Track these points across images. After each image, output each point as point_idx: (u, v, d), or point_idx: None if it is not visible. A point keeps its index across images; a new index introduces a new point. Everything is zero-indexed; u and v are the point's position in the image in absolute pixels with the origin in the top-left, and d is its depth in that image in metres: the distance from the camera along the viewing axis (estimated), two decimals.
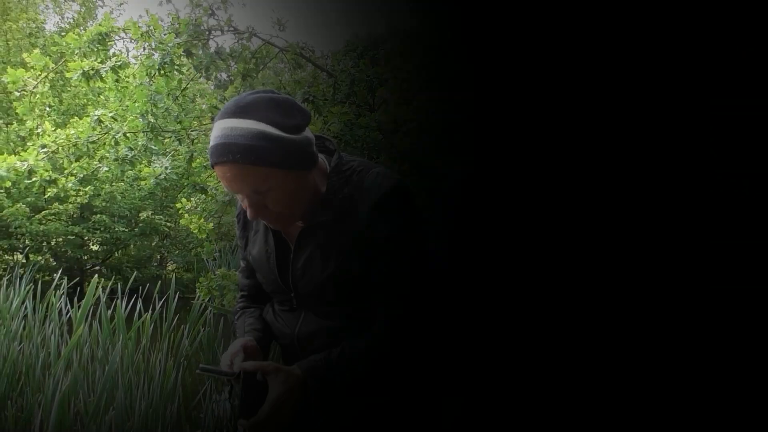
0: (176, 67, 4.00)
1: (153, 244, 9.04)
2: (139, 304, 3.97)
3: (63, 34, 7.73)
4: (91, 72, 3.83)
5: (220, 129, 1.06)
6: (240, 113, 1.05)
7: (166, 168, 4.09)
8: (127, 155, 4.05)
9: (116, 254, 8.76)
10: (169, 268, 9.22)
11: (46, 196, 6.33)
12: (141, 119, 4.04)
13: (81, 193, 7.20)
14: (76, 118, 5.63)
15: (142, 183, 4.50)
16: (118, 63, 3.92)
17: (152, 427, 3.10)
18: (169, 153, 4.30)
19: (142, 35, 3.92)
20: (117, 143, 4.02)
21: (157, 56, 3.90)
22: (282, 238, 1.24)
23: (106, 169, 4.25)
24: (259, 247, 1.29)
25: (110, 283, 4.75)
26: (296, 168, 1.09)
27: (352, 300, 1.18)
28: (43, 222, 7.47)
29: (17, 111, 5.15)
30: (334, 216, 1.15)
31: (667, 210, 1.84)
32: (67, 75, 4.08)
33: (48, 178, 4.05)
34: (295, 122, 1.08)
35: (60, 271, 5.26)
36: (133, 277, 4.86)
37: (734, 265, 1.65)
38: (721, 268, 1.68)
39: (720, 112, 1.67)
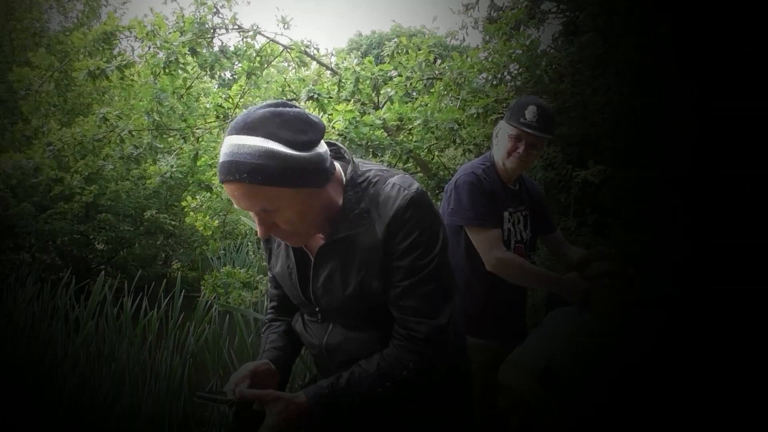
0: (181, 66, 4.02)
1: (158, 242, 9.06)
2: (145, 302, 3.98)
3: (67, 33, 7.73)
4: (97, 71, 3.85)
5: (227, 146, 1.02)
6: (248, 130, 1.00)
7: (172, 166, 4.11)
8: (132, 153, 4.07)
9: (121, 253, 8.78)
10: (174, 266, 9.24)
11: (51, 194, 6.35)
12: (146, 117, 4.05)
13: (86, 191, 7.22)
14: (81, 117, 5.66)
15: (147, 182, 4.52)
16: (124, 62, 3.94)
17: (158, 424, 3.11)
18: (174, 151, 4.31)
19: (147, 34, 3.94)
20: (122, 141, 4.04)
21: (162, 55, 3.92)
22: (303, 251, 1.21)
23: (112, 167, 4.27)
24: (281, 262, 1.26)
25: (116, 282, 4.77)
26: (307, 186, 1.04)
27: (377, 314, 1.16)
28: (49, 221, 7.50)
29: (22, 110, 5.18)
30: (352, 232, 1.12)
31: None
32: (73, 74, 4.10)
33: (54, 177, 4.07)
34: (305, 138, 1.03)
35: (69, 271, 5.29)
36: (138, 275, 4.88)
37: None
38: None
39: None
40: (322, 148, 1.07)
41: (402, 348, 1.12)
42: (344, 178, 1.15)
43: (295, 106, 1.06)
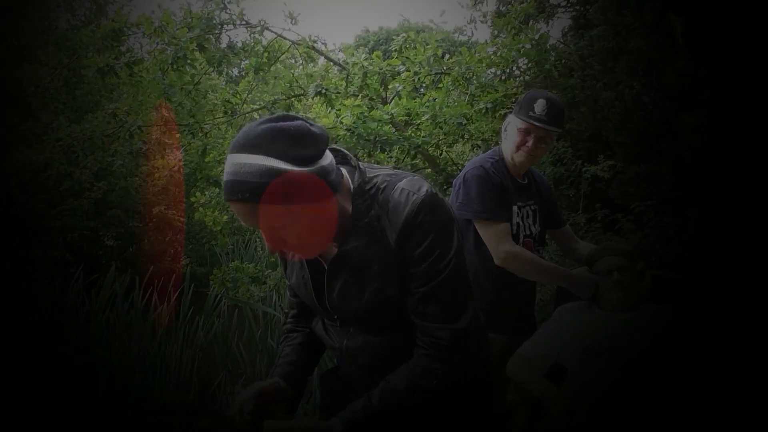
0: (189, 62, 4.03)
1: (167, 239, 9.10)
2: (155, 297, 4.01)
3: (75, 31, 7.76)
4: (106, 68, 3.87)
5: (229, 165, 1.01)
6: (249, 147, 0.98)
7: (180, 161, 4.13)
8: (141, 149, 4.09)
9: (131, 249, 8.84)
10: (183, 262, 9.29)
11: (60, 189, 6.39)
12: (155, 113, 4.07)
13: (95, 188, 7.26)
14: (89, 114, 5.69)
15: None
16: (132, 59, 3.96)
17: (168, 416, 3.14)
18: (182, 147, 4.33)
19: (155, 30, 3.94)
20: (131, 136, 4.06)
21: (170, 51, 3.93)
22: (318, 260, 1.19)
23: (121, 162, 4.30)
24: (296, 272, 1.25)
25: (127, 278, 4.80)
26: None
27: (396, 317, 1.14)
28: (59, 217, 7.55)
29: (32, 107, 5.21)
30: (363, 242, 1.10)
31: None
32: (83, 72, 4.12)
33: (63, 171, 4.11)
34: (308, 153, 1.00)
35: (80, 267, 5.31)
36: (150, 271, 4.90)
37: None
38: None
39: None
40: (326, 159, 1.05)
41: (428, 357, 1.11)
42: (352, 186, 1.12)
43: (297, 118, 1.04)
